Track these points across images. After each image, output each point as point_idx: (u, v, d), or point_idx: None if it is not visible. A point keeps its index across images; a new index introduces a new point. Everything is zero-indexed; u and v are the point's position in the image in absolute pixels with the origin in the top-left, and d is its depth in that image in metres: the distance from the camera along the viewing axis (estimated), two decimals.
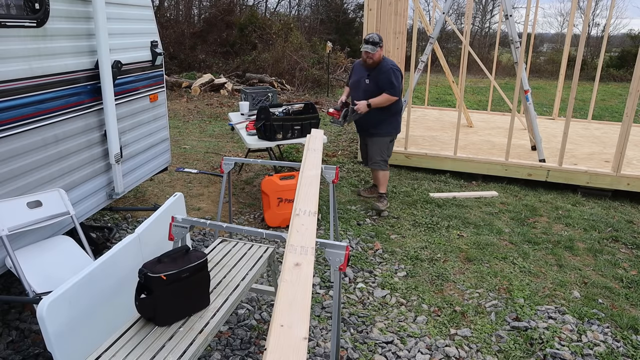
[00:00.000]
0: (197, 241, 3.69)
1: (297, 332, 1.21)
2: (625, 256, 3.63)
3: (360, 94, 4.17)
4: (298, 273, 1.47)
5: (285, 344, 1.17)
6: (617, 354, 2.50)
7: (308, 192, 2.18)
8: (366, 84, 4.12)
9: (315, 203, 2.08)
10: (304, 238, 1.69)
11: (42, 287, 2.21)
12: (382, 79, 4.03)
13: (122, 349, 1.69)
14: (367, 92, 4.11)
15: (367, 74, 4.11)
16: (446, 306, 2.90)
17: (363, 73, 4.17)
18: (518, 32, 5.17)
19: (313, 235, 1.75)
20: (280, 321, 1.25)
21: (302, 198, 2.10)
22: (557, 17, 39.21)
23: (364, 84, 4.14)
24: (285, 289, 1.37)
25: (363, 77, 4.16)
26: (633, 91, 4.53)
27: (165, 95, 3.97)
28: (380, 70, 4.04)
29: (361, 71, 4.21)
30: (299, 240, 1.68)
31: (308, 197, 2.11)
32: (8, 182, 2.33)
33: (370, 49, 3.93)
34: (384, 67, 4.04)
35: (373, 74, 4.08)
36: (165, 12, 16.57)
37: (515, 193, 4.92)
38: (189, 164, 5.74)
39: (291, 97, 11.05)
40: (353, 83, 4.31)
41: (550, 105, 9.87)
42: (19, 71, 2.35)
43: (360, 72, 4.22)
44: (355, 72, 4.32)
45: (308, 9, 21.63)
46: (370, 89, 4.10)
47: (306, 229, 1.79)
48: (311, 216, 1.93)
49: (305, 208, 1.99)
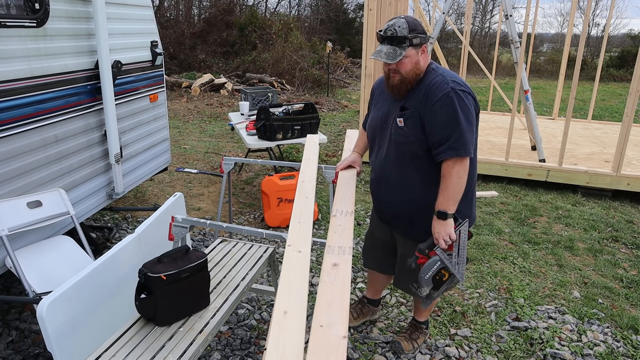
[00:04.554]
0: (197, 241, 3.69)
1: (336, 331, 1.23)
2: (625, 256, 3.63)
3: (385, 151, 2.13)
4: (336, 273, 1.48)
5: (325, 344, 1.19)
6: (617, 354, 2.50)
7: (344, 193, 2.18)
8: (399, 129, 2.02)
9: (352, 203, 2.05)
10: (341, 238, 1.71)
11: (42, 287, 2.21)
12: (436, 117, 1.92)
13: (122, 349, 1.69)
14: (399, 148, 2.06)
15: (400, 106, 2.03)
16: (446, 306, 2.90)
17: (390, 103, 2.10)
18: (518, 32, 5.17)
19: (350, 235, 1.75)
20: (320, 321, 1.27)
21: (338, 199, 2.10)
22: (557, 17, 39.28)
23: (395, 128, 2.04)
24: (324, 289, 1.39)
25: (392, 114, 2.07)
26: (633, 91, 4.53)
27: (165, 95, 3.97)
28: (429, 95, 1.94)
29: (386, 99, 2.14)
30: (336, 240, 1.69)
31: (345, 198, 2.12)
32: (8, 182, 2.33)
33: (389, 54, 1.91)
34: (436, 87, 1.93)
35: (412, 106, 1.99)
36: (165, 12, 16.58)
37: (515, 193, 4.92)
38: (189, 164, 5.74)
39: (291, 97, 11.04)
40: (372, 125, 2.22)
41: (550, 105, 9.87)
42: (19, 71, 2.35)
43: (384, 101, 2.16)
44: (376, 102, 2.24)
45: (308, 9, 21.66)
46: (407, 141, 2.02)
47: (343, 230, 1.80)
48: (348, 216, 1.92)
49: (342, 208, 1.99)
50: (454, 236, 1.94)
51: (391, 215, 2.25)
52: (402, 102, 2.03)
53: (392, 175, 2.14)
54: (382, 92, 2.19)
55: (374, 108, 2.25)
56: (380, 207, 2.33)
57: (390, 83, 2.02)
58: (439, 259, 1.93)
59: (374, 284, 2.68)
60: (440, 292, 1.99)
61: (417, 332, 2.52)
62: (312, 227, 1.94)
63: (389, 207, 2.24)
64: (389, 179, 2.15)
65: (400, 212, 2.18)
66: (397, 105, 2.05)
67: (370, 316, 2.72)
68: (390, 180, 2.15)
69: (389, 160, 2.13)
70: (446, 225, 1.94)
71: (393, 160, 2.11)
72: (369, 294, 2.72)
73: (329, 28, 18.90)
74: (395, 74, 1.97)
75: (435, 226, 1.97)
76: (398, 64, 1.93)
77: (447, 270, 1.94)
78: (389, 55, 1.92)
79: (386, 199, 2.23)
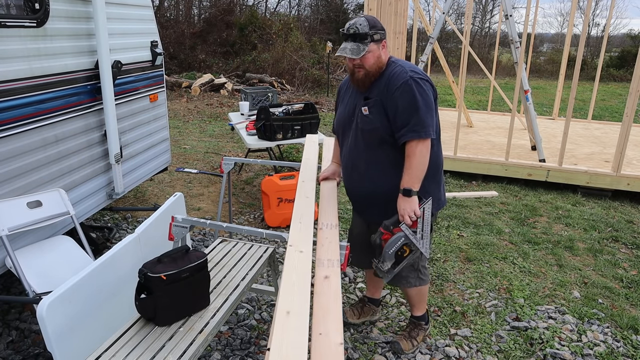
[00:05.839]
0: (197, 241, 3.69)
1: (333, 338, 1.33)
2: (625, 256, 3.63)
3: (354, 141, 2.22)
4: (328, 285, 1.59)
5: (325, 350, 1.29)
6: (617, 354, 2.50)
7: (327, 206, 2.22)
8: (364, 118, 2.14)
9: (336, 216, 2.13)
10: (328, 252, 1.81)
11: (42, 287, 2.21)
12: (397, 103, 2.04)
13: (122, 349, 1.69)
14: (365, 136, 2.16)
15: (364, 97, 2.15)
16: (446, 306, 2.90)
17: (355, 97, 2.22)
18: (518, 32, 5.17)
19: (337, 247, 1.84)
20: (319, 330, 1.37)
21: (323, 212, 2.16)
22: (557, 17, 39.29)
23: (361, 117, 2.16)
24: (319, 300, 1.50)
25: (357, 106, 2.19)
26: (633, 91, 4.53)
27: (165, 95, 3.97)
28: (389, 84, 2.06)
29: (351, 95, 2.26)
30: (324, 254, 1.79)
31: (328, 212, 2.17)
32: (8, 182, 2.33)
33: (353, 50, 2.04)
34: (396, 77, 2.06)
35: (375, 95, 2.11)
36: (165, 12, 16.58)
37: (515, 193, 4.92)
38: (189, 164, 5.74)
39: (291, 97, 11.04)
40: (340, 120, 2.32)
41: (550, 105, 9.87)
42: (19, 71, 2.35)
43: (349, 97, 2.27)
44: (342, 100, 2.35)
45: (308, 9, 21.65)
46: (372, 127, 2.12)
47: (330, 243, 1.88)
48: (333, 229, 2.01)
49: (327, 222, 2.07)
50: (419, 213, 2.02)
51: (365, 204, 2.31)
52: (366, 93, 2.15)
53: (361, 163, 2.21)
54: (347, 90, 2.32)
55: (340, 106, 2.36)
56: (354, 197, 2.38)
57: (355, 78, 2.14)
58: (403, 234, 2.02)
59: (369, 281, 2.73)
60: (400, 267, 2.09)
61: (416, 329, 2.53)
62: (313, 227, 1.94)
63: (362, 196, 2.30)
64: (359, 167, 2.22)
65: (374, 199, 2.23)
66: (361, 97, 2.17)
67: (371, 316, 2.73)
68: (360, 168, 2.22)
69: (357, 149, 2.21)
70: (411, 202, 2.03)
71: (361, 148, 2.20)
72: (368, 292, 2.75)
73: (329, 28, 18.89)
74: (360, 69, 2.09)
75: (400, 203, 2.05)
76: (362, 59, 2.06)
77: (408, 247, 2.04)
78: (353, 51, 2.05)
79: (358, 188, 2.29)
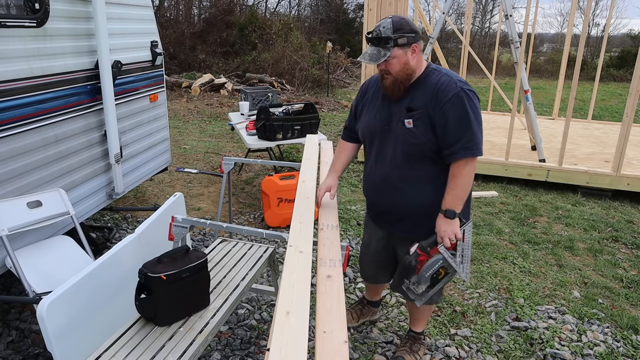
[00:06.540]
0: (197, 241, 3.69)
1: (338, 337, 1.35)
2: (625, 256, 3.63)
3: (391, 154, 2.04)
4: (331, 284, 1.62)
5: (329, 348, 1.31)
6: (617, 354, 2.50)
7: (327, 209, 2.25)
8: (407, 131, 1.96)
9: (336, 218, 2.16)
10: (330, 251, 1.84)
11: (42, 287, 2.21)
12: (447, 117, 1.88)
13: (122, 349, 1.69)
14: (406, 150, 1.99)
15: (407, 107, 1.96)
16: (446, 306, 2.90)
17: (390, 104, 2.03)
18: (518, 32, 5.17)
19: (338, 248, 1.87)
20: (323, 328, 1.38)
21: (323, 214, 2.20)
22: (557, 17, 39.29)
23: (402, 129, 1.97)
24: (322, 299, 1.53)
25: (395, 115, 2.00)
26: (633, 91, 4.53)
27: (165, 95, 3.97)
28: (438, 96, 1.89)
29: (384, 100, 2.06)
30: (326, 253, 1.82)
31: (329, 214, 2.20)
32: (8, 182, 2.33)
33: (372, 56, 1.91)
34: (444, 88, 1.89)
35: (420, 106, 1.93)
36: (165, 12, 16.58)
37: (515, 193, 4.92)
38: (189, 164, 5.74)
39: (291, 97, 11.04)
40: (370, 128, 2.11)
41: (550, 105, 9.87)
42: (19, 71, 2.34)
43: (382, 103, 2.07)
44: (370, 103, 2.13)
45: (308, 9, 21.65)
46: (417, 142, 1.95)
47: (331, 243, 1.91)
48: (334, 230, 2.04)
49: (328, 222, 2.10)
50: (460, 235, 1.93)
51: (395, 219, 2.16)
52: (407, 102, 1.97)
53: (395, 177, 2.06)
54: (377, 92, 2.11)
55: (367, 110, 2.14)
56: (381, 210, 2.22)
57: (384, 84, 1.99)
58: (441, 257, 1.93)
59: (372, 289, 2.68)
60: (435, 289, 2.00)
61: (417, 343, 2.45)
62: (313, 227, 1.95)
63: (394, 211, 2.14)
64: (392, 181, 2.08)
65: (407, 214, 2.10)
66: (401, 106, 1.98)
67: (371, 317, 2.72)
68: (395, 184, 2.07)
69: (393, 163, 2.05)
70: (453, 224, 1.92)
71: (398, 162, 2.03)
72: (368, 295, 2.71)
73: (329, 28, 18.91)
74: (388, 75, 1.94)
75: (441, 225, 1.94)
76: (387, 64, 1.91)
77: (444, 269, 1.95)
78: (372, 57, 1.90)
79: (390, 203, 2.13)
